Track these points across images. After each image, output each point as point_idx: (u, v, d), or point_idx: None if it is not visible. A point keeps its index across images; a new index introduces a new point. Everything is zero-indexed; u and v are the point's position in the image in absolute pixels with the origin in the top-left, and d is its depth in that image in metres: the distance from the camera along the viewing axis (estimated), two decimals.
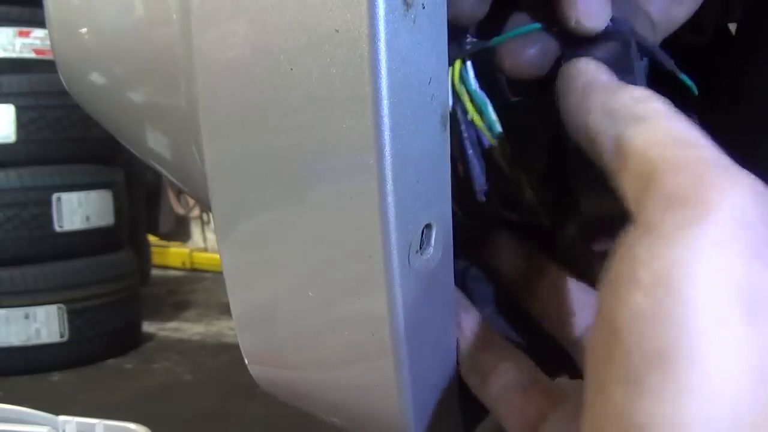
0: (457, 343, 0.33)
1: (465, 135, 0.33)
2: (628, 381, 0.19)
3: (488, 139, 0.33)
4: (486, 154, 0.33)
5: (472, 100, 0.33)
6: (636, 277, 0.20)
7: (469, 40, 0.33)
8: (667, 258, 0.19)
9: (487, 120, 0.33)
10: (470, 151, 0.33)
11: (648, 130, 0.24)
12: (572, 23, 0.31)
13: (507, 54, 0.32)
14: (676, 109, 0.25)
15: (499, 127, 0.33)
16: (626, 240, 0.21)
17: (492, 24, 0.33)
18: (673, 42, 0.34)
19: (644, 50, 0.32)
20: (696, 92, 0.33)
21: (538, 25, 0.32)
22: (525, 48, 0.32)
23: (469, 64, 0.33)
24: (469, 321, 0.33)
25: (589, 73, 0.29)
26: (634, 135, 0.24)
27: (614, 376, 0.20)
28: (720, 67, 0.37)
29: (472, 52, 0.33)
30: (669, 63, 0.32)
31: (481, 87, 0.33)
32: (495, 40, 0.32)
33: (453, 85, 0.33)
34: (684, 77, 0.33)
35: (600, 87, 0.28)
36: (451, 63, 0.32)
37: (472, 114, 0.33)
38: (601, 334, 0.21)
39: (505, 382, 0.32)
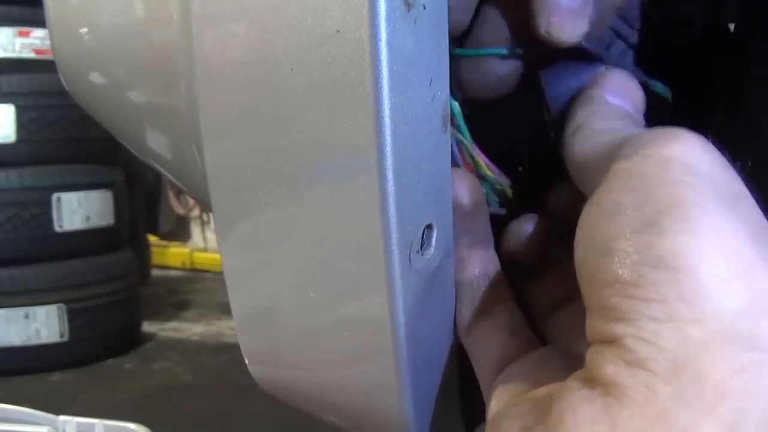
0: (460, 277, 0.32)
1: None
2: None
3: (461, 141, 0.33)
4: (461, 156, 0.33)
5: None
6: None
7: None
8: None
9: (458, 124, 0.33)
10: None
11: None
12: (542, 30, 0.30)
13: (467, 73, 0.32)
14: None
15: (467, 132, 0.33)
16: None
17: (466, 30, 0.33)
18: (665, 41, 0.34)
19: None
20: (669, 99, 0.33)
21: (504, 50, 0.32)
22: (485, 75, 0.32)
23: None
24: (477, 259, 0.33)
25: None
26: None
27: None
28: (719, 68, 0.37)
29: (455, 54, 0.33)
30: (639, 75, 0.32)
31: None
32: (459, 51, 0.32)
33: None
34: (657, 85, 0.33)
35: None
36: None
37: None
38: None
39: (497, 323, 0.32)
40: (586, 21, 0.31)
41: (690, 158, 0.23)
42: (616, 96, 0.31)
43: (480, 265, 0.32)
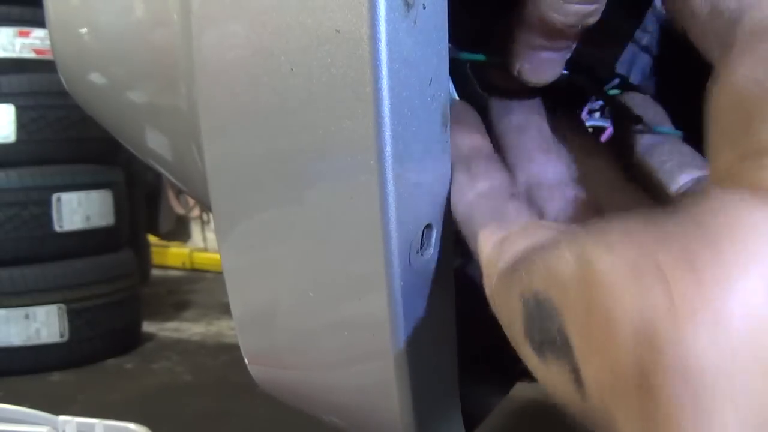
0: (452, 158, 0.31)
1: None
2: None
3: None
4: None
5: None
6: None
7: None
8: None
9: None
10: None
11: None
12: (514, 72, 0.31)
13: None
14: None
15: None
16: None
17: (467, 32, 0.33)
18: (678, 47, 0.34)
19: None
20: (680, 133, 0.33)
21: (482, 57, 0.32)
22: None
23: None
24: (468, 138, 0.31)
25: None
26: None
27: None
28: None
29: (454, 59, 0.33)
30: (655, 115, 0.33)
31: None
32: (465, 55, 0.32)
33: None
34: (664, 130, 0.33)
35: None
36: None
37: None
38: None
39: (495, 184, 0.30)
40: (560, 68, 0.31)
41: None
42: None
43: (473, 142, 0.32)
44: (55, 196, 2.34)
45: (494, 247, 0.26)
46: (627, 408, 0.16)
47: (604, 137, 0.37)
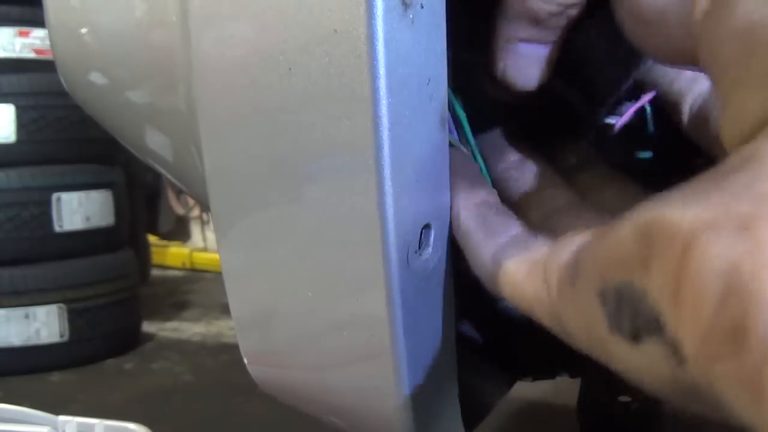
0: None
1: None
2: None
3: (463, 141, 0.33)
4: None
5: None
6: None
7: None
8: None
9: (462, 125, 0.33)
10: None
11: None
12: (498, 73, 0.30)
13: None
14: None
15: (470, 135, 0.33)
16: None
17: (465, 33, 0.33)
18: None
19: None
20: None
21: None
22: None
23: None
24: (475, 195, 0.30)
25: None
26: None
27: None
28: None
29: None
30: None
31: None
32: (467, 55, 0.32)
33: None
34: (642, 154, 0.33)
35: None
36: None
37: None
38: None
39: (515, 233, 0.28)
40: (548, 69, 0.30)
41: None
42: None
43: (484, 198, 0.30)
44: (55, 196, 2.34)
45: (531, 269, 0.25)
46: (726, 366, 0.16)
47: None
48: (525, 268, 0.25)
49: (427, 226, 0.29)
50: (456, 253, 0.31)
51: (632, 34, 0.25)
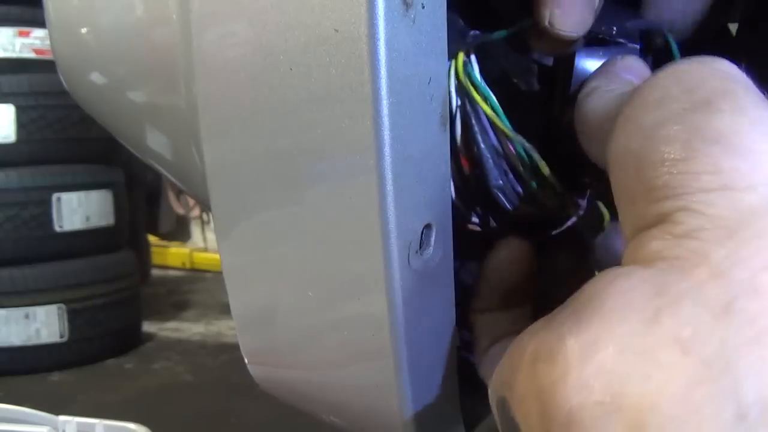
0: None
1: (475, 129, 0.32)
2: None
3: (498, 131, 0.33)
4: (498, 147, 0.33)
5: (478, 92, 0.32)
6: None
7: (471, 33, 0.33)
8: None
9: (496, 111, 0.32)
10: (482, 145, 0.33)
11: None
12: (545, 22, 0.30)
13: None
14: None
15: (506, 119, 0.32)
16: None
17: (492, 20, 0.33)
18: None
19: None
20: None
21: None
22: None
23: (473, 57, 0.33)
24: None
25: None
26: None
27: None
28: None
29: (477, 43, 0.33)
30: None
31: (485, 80, 0.33)
32: (498, 34, 0.32)
33: (457, 77, 0.32)
34: None
35: None
36: (453, 56, 0.32)
37: (482, 105, 0.32)
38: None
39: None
40: (591, 15, 0.30)
41: (726, 67, 0.24)
42: (630, 73, 0.31)
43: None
44: (55, 196, 2.34)
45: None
46: None
47: None
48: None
49: (428, 226, 0.29)
50: (457, 253, 0.31)
51: (581, 141, 0.29)
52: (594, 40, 0.33)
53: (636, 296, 0.20)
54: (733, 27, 0.38)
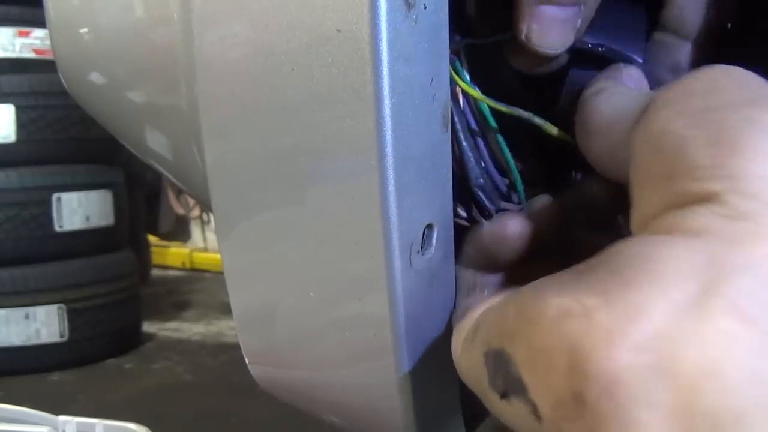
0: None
1: (458, 126, 0.33)
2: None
3: (483, 131, 0.33)
4: (484, 145, 0.33)
5: (465, 92, 0.32)
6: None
7: (457, 38, 0.33)
8: None
9: (482, 112, 0.32)
10: (464, 143, 0.33)
11: None
12: (522, 37, 0.29)
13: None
14: None
15: (492, 120, 0.32)
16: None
17: (480, 24, 0.33)
18: None
19: None
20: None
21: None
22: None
23: (461, 55, 0.33)
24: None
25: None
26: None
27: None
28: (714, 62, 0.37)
29: (463, 44, 0.32)
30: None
31: (472, 81, 0.33)
32: (481, 41, 0.32)
33: None
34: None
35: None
36: None
37: (469, 90, 0.32)
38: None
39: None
40: (571, 34, 0.30)
41: (744, 74, 0.24)
42: (632, 83, 0.31)
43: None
44: (55, 196, 2.34)
45: (457, 326, 0.29)
46: (572, 426, 0.20)
47: None
48: (460, 326, 0.29)
49: (429, 226, 0.29)
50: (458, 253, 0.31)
51: (580, 142, 0.29)
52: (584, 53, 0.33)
53: (689, 263, 0.20)
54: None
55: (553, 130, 0.32)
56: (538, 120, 0.32)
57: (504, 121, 0.33)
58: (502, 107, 0.32)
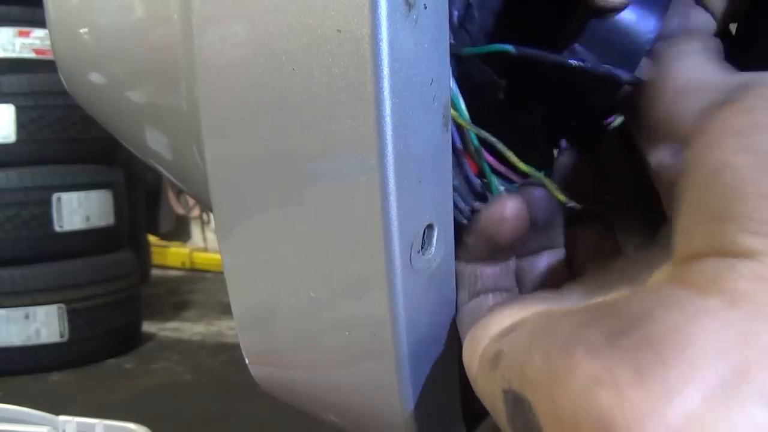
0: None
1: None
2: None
3: (466, 137, 0.33)
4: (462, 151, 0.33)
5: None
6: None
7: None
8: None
9: (464, 118, 0.32)
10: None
11: None
12: None
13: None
14: None
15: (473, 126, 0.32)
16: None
17: (478, 32, 0.33)
18: None
19: None
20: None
21: (511, 48, 0.31)
22: None
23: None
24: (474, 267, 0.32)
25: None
26: None
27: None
28: None
29: (450, 52, 0.32)
30: None
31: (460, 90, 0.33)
32: (468, 50, 0.32)
33: None
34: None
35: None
36: None
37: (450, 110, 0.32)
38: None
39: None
40: None
41: None
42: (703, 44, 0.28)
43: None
44: (55, 196, 2.34)
45: (469, 335, 0.29)
46: None
47: None
48: (474, 337, 0.29)
49: (430, 226, 0.29)
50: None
51: (651, 99, 0.27)
52: None
53: (724, 342, 0.19)
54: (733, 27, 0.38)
55: (525, 167, 0.32)
56: (500, 146, 0.32)
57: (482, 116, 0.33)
58: (470, 126, 0.32)
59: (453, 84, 0.32)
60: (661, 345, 0.20)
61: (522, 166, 0.32)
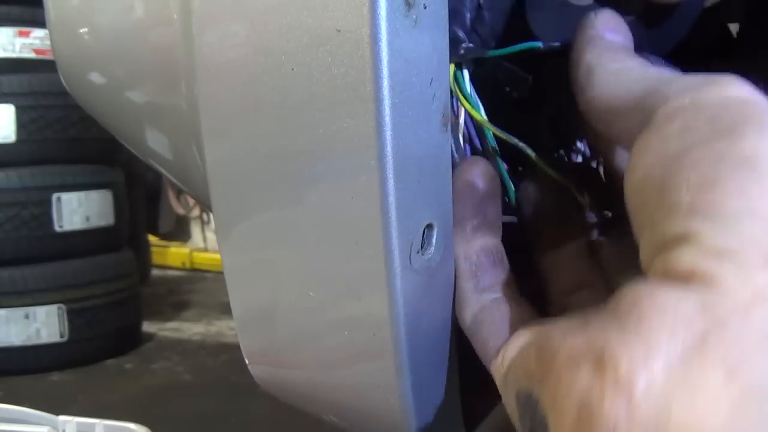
0: (464, 251, 0.32)
1: (459, 138, 0.33)
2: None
3: (484, 139, 0.33)
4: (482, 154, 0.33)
5: (468, 102, 0.32)
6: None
7: (464, 45, 0.33)
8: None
9: (482, 121, 0.33)
10: (455, 156, 0.33)
11: None
12: None
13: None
14: None
15: (491, 129, 0.33)
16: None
17: (488, 33, 0.33)
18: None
19: None
20: None
21: (539, 44, 0.32)
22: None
23: (465, 70, 0.33)
24: (482, 240, 0.32)
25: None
26: None
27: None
28: (720, 71, 0.37)
29: (471, 57, 0.33)
30: None
31: (476, 91, 0.33)
32: (492, 53, 0.32)
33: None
34: None
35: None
36: None
37: (471, 113, 0.32)
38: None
39: (502, 295, 0.32)
40: None
41: (743, 90, 0.24)
42: (613, 33, 0.30)
43: (485, 245, 0.32)
44: (55, 196, 2.34)
45: (496, 359, 0.30)
46: None
47: None
48: (498, 359, 0.30)
49: (429, 226, 0.29)
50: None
51: (593, 124, 0.29)
52: None
53: (682, 314, 0.20)
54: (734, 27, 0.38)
55: (542, 164, 0.32)
56: (529, 151, 0.32)
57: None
58: (497, 131, 0.32)
59: (470, 87, 0.32)
60: (624, 320, 0.21)
61: (550, 171, 0.32)
